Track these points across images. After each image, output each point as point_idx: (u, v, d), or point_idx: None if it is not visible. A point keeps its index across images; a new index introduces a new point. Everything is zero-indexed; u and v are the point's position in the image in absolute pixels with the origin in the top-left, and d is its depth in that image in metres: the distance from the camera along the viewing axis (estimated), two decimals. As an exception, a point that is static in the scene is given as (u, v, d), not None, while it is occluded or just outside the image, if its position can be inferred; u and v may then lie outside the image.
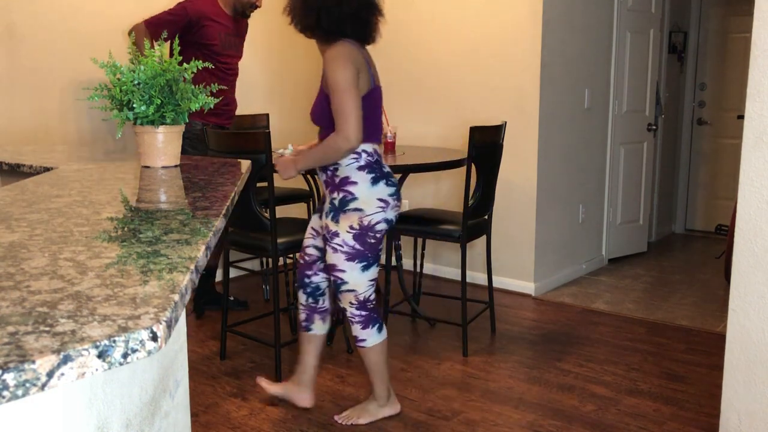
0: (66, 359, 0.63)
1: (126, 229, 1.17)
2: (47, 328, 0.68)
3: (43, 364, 0.61)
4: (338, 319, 3.37)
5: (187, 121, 2.10)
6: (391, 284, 3.60)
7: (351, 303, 2.51)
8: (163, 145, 2.01)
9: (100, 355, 0.66)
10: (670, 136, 5.81)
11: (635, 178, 5.01)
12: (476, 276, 4.35)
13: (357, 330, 2.53)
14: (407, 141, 4.55)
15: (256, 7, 3.60)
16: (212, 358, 3.25)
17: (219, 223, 1.24)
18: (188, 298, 0.87)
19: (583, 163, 4.52)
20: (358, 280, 2.48)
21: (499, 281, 4.26)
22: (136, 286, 0.83)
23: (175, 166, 2.06)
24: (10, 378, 0.59)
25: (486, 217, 3.44)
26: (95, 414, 0.93)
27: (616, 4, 4.59)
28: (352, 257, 2.44)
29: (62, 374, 0.63)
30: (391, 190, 2.49)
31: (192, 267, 0.92)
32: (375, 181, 2.46)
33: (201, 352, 3.32)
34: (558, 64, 4.13)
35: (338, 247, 2.45)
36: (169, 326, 0.74)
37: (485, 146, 3.21)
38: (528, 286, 4.21)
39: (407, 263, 4.56)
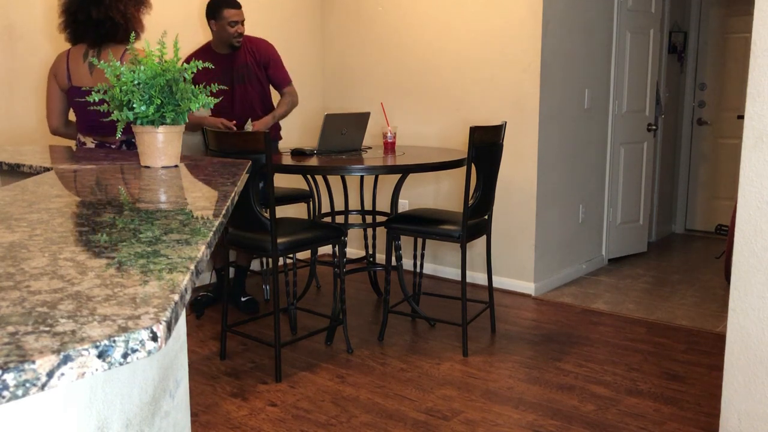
0: (66, 359, 0.63)
1: (126, 229, 1.17)
2: (47, 328, 0.68)
3: (43, 364, 0.61)
4: (338, 319, 3.37)
5: (187, 121, 2.10)
6: (391, 284, 3.60)
7: None
8: (163, 145, 2.01)
9: (100, 355, 0.66)
10: (670, 136, 5.81)
11: (635, 178, 5.01)
12: (476, 276, 4.35)
13: None
14: (407, 141, 4.55)
15: (240, 35, 3.72)
16: (212, 358, 3.25)
17: (219, 222, 1.23)
18: (188, 298, 0.87)
19: (583, 163, 4.52)
20: None
21: (499, 281, 4.26)
22: (136, 286, 0.83)
23: (175, 166, 2.06)
24: (10, 378, 0.59)
25: (486, 217, 3.44)
26: (95, 414, 0.93)
27: (616, 4, 4.59)
28: None
29: (62, 374, 0.63)
30: None
31: (192, 267, 0.92)
32: None
33: (201, 352, 3.32)
34: (558, 64, 4.13)
35: None
36: (169, 326, 0.74)
37: (485, 146, 3.21)
38: (528, 286, 4.21)
39: (407, 263, 4.56)
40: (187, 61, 3.71)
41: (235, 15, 3.67)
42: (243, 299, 3.91)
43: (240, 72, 3.77)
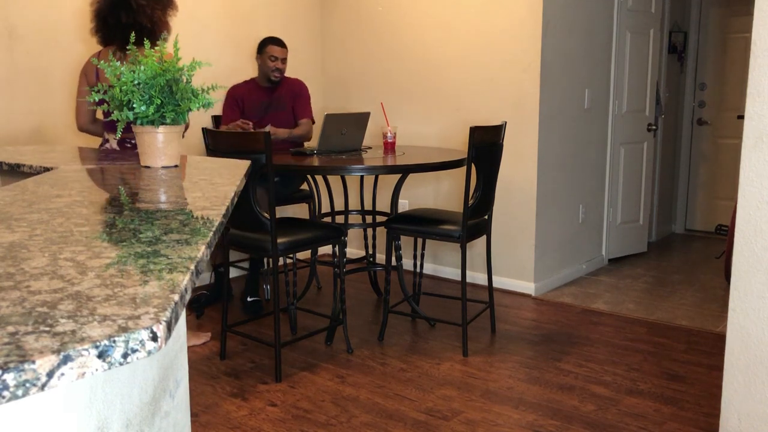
0: (66, 359, 0.63)
1: (126, 229, 1.17)
2: (47, 328, 0.68)
3: (43, 364, 0.61)
4: (338, 319, 3.37)
5: (187, 121, 2.10)
6: (391, 284, 3.60)
7: None
8: (163, 145, 2.01)
9: (100, 355, 0.66)
10: (670, 136, 5.81)
11: (635, 178, 5.01)
12: (476, 276, 4.35)
13: None
14: (407, 141, 4.55)
15: (278, 70, 4.09)
16: (212, 358, 3.25)
17: (219, 222, 1.23)
18: (188, 298, 0.87)
19: (583, 163, 4.52)
20: None
21: (499, 281, 4.26)
22: (136, 286, 0.83)
23: (175, 166, 2.06)
24: (10, 378, 0.59)
25: (486, 217, 3.44)
26: (95, 414, 0.93)
27: (616, 4, 4.59)
28: None
29: (62, 374, 0.63)
30: None
31: (192, 267, 0.92)
32: None
33: (201, 352, 3.32)
34: (558, 64, 4.13)
35: None
36: (169, 326, 0.74)
37: (485, 146, 3.21)
38: (528, 286, 4.21)
39: (407, 263, 4.56)
40: (231, 96, 4.14)
41: (276, 51, 4.06)
42: (249, 299, 3.90)
43: (275, 103, 4.13)
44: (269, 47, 4.06)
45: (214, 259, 4.00)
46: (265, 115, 4.11)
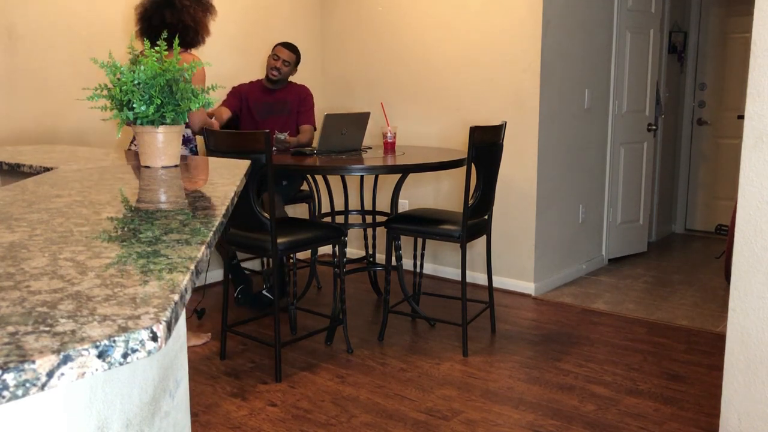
0: (66, 359, 0.63)
1: (126, 229, 1.17)
2: (47, 328, 0.68)
3: (43, 364, 0.61)
4: (338, 319, 3.37)
5: (187, 121, 2.10)
6: (391, 284, 3.60)
7: None
8: (163, 145, 2.01)
9: (100, 355, 0.65)
10: (670, 136, 5.81)
11: (635, 178, 5.01)
12: (476, 276, 4.35)
13: None
14: (407, 141, 4.55)
15: (276, 69, 4.09)
16: (212, 358, 3.25)
17: (219, 222, 1.23)
18: (188, 297, 0.87)
19: (583, 163, 4.52)
20: None
21: (499, 281, 4.26)
22: (136, 286, 0.83)
23: (175, 166, 2.06)
24: (10, 378, 0.59)
25: (486, 217, 3.44)
26: (95, 414, 0.93)
27: (616, 4, 4.59)
28: None
29: (62, 374, 0.63)
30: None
31: (192, 267, 0.92)
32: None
33: (201, 352, 3.32)
34: (558, 64, 4.13)
35: None
36: (169, 326, 0.74)
37: (485, 146, 3.21)
38: (528, 286, 4.21)
39: (407, 263, 4.56)
40: (235, 89, 4.17)
41: (280, 52, 4.10)
42: (264, 291, 3.90)
43: (279, 106, 4.17)
44: (276, 47, 4.15)
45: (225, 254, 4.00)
46: (267, 117, 4.13)
